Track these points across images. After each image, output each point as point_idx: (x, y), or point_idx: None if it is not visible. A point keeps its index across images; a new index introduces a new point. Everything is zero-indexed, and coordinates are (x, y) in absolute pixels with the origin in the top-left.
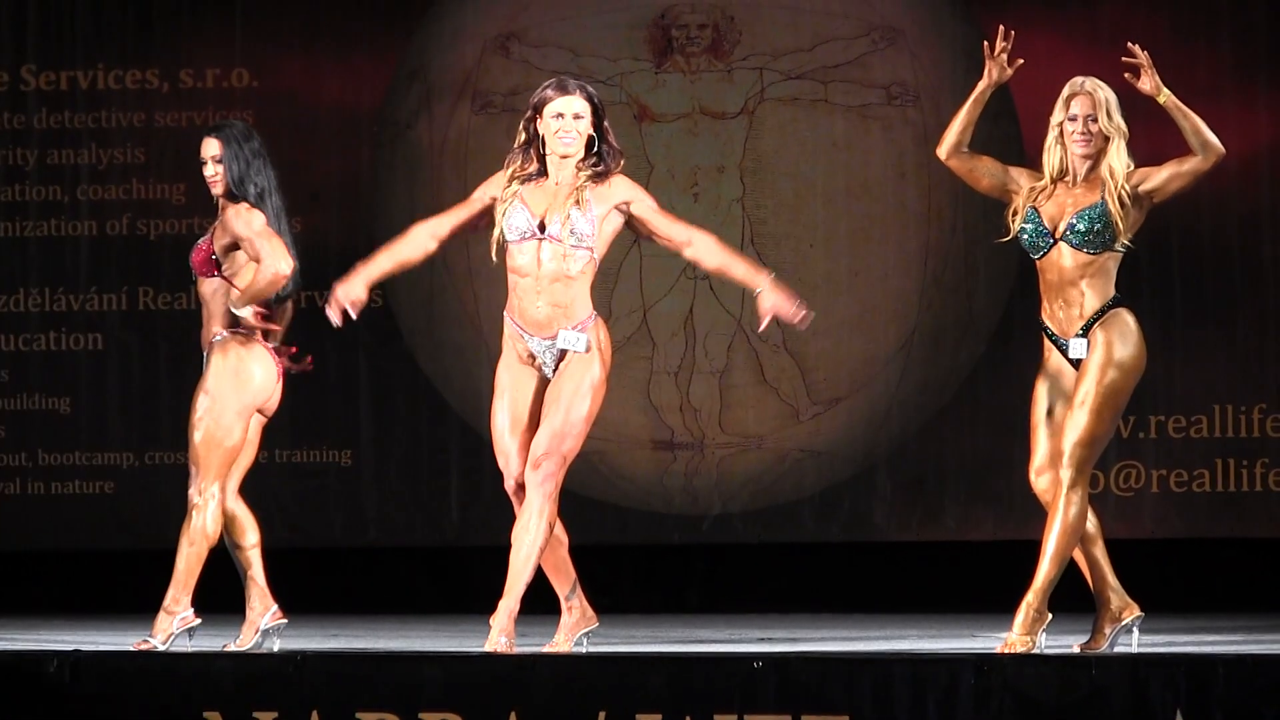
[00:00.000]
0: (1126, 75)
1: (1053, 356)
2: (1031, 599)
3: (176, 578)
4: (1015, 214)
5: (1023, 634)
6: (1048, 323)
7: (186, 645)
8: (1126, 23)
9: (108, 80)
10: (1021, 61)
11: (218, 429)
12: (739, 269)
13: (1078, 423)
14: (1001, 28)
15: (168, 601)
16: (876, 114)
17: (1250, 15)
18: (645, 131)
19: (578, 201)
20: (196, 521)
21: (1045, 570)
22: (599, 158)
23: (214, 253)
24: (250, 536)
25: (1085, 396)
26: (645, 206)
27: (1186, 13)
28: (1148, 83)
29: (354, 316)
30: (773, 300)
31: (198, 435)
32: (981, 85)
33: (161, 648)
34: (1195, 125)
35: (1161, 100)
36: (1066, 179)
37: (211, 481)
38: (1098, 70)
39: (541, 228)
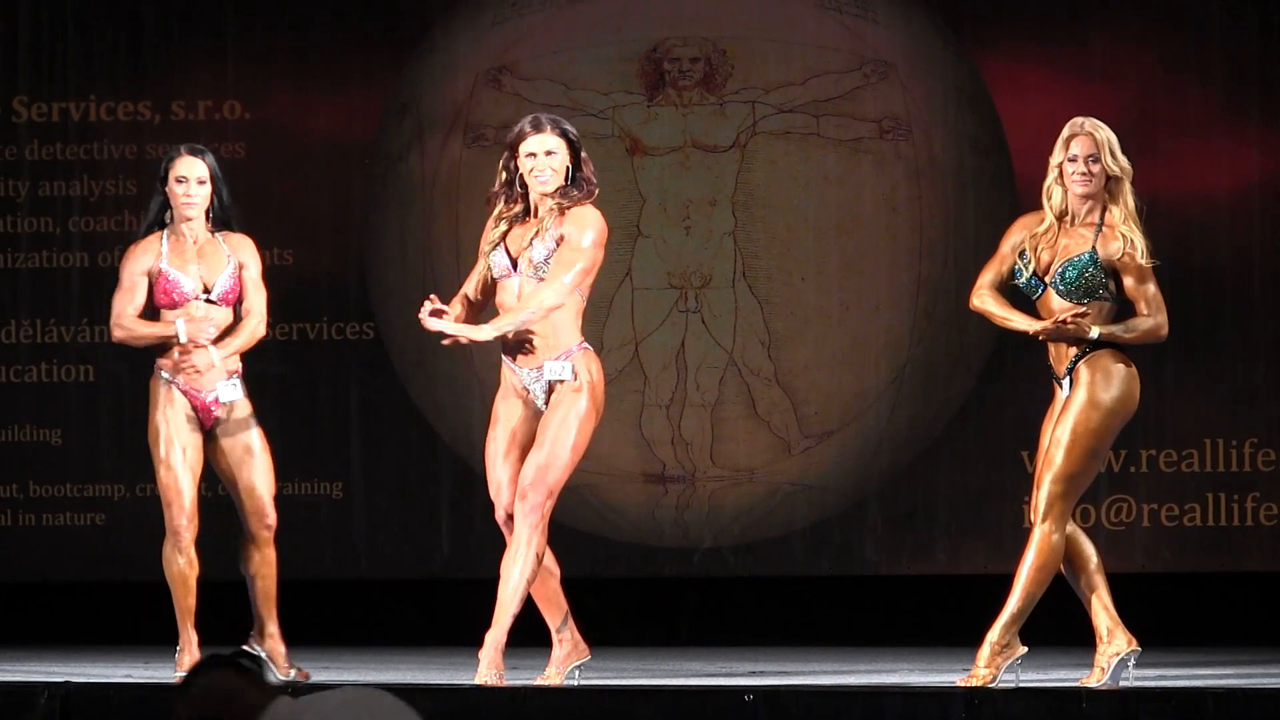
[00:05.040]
0: None
1: (1058, 393)
2: (992, 633)
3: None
4: (1022, 255)
5: (983, 667)
6: (1049, 359)
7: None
8: (1117, 57)
9: (99, 112)
10: None
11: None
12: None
13: (1051, 460)
14: None
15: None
16: (868, 148)
17: (1242, 50)
18: (637, 165)
19: (538, 233)
20: (270, 554)
21: (1010, 605)
22: (573, 189)
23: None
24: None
25: (1060, 434)
26: (566, 249)
27: (1177, 47)
28: None
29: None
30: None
31: (267, 463)
32: None
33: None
34: None
35: None
36: (1065, 220)
37: None
38: (1089, 105)
39: (515, 265)
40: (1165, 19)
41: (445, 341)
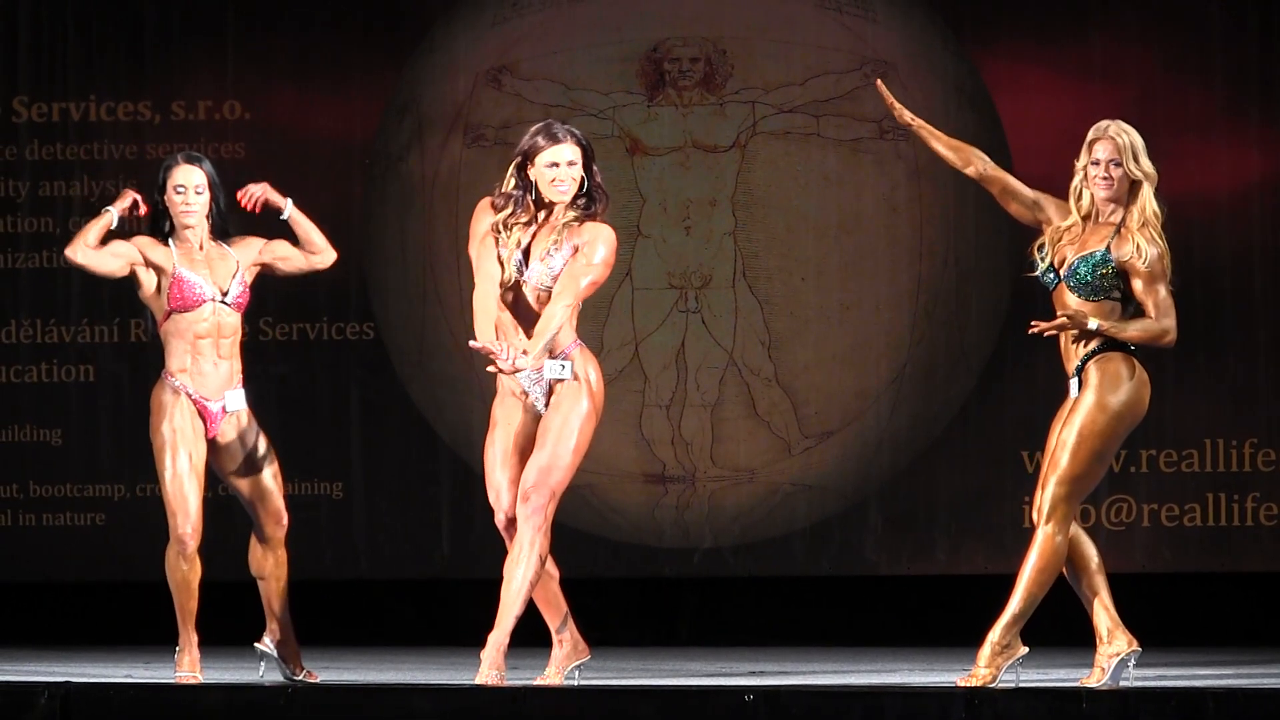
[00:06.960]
0: None
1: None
2: (993, 633)
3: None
4: (1040, 248)
5: (983, 667)
6: (1061, 356)
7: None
8: (1117, 57)
9: (100, 112)
10: None
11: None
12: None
13: (1056, 462)
14: None
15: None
16: (868, 148)
17: (1242, 51)
18: (637, 165)
19: (556, 243)
20: (282, 555)
21: (1011, 606)
22: (589, 199)
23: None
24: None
25: (1067, 436)
26: (580, 262)
27: (1178, 48)
28: None
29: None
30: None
31: (277, 466)
32: None
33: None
34: None
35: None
36: (1090, 220)
37: None
38: (1089, 105)
39: (527, 267)
40: (1165, 19)
41: (490, 368)
